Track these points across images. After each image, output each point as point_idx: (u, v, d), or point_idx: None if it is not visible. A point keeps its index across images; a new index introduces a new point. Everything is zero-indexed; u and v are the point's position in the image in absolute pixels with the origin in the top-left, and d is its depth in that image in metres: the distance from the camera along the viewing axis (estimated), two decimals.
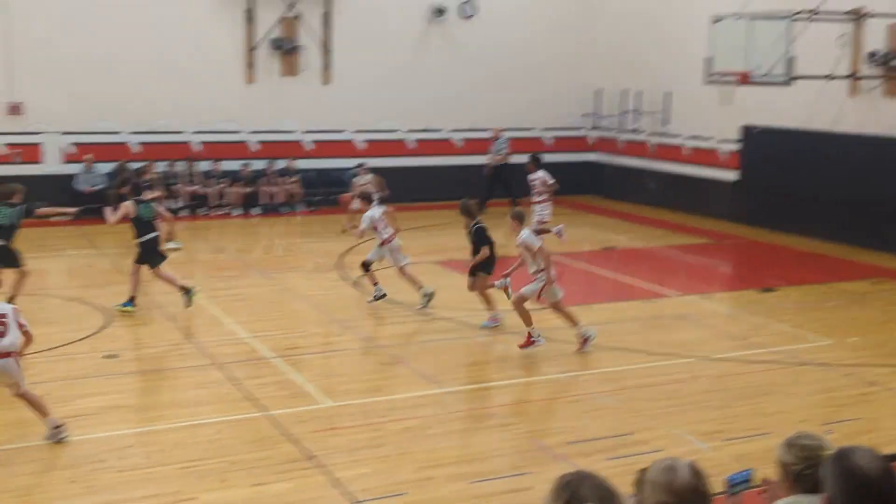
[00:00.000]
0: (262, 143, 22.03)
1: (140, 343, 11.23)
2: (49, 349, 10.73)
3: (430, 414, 8.97)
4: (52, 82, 19.82)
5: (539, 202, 16.25)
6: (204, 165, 21.19)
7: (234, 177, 21.32)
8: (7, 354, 7.82)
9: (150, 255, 12.45)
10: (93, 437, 8.24)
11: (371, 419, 8.80)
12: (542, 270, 10.64)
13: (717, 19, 17.91)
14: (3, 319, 7.84)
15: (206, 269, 13.63)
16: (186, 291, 12.30)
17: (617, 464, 7.58)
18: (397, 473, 7.62)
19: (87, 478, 7.41)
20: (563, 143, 25.02)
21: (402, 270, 13.00)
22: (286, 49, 21.85)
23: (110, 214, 12.62)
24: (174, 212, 19.34)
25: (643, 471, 3.50)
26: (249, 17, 21.51)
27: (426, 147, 22.98)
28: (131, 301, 12.27)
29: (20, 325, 7.91)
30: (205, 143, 21.50)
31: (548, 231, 15.44)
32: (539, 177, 16.53)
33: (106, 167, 20.41)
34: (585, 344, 10.93)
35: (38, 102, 19.90)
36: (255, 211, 21.19)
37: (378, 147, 22.68)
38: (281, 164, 21.73)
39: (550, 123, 24.81)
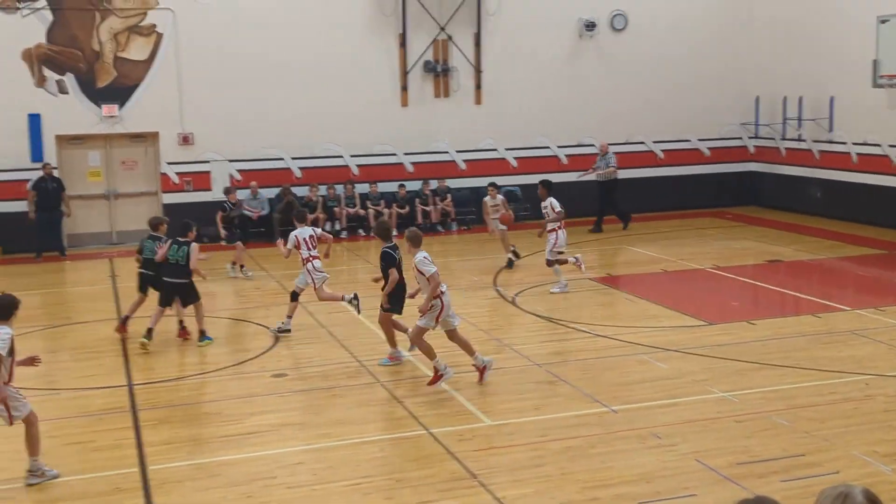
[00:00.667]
0: (416, 164, 22.43)
1: (306, 362, 11.59)
2: (220, 369, 11.24)
3: (592, 433, 8.87)
4: (218, 113, 20.82)
5: (551, 230, 15.10)
6: (361, 188, 21.75)
7: (390, 199, 21.78)
8: None
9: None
10: (265, 455, 8.56)
11: (531, 438, 8.77)
12: (436, 297, 10.16)
13: (884, 20, 17.08)
14: None
15: (366, 289, 13.97)
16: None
17: (791, 486, 7.29)
18: (561, 494, 7.56)
19: (260, 494, 7.69)
20: (720, 154, 24.41)
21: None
22: (438, 71, 22.21)
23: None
24: (334, 234, 19.92)
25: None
26: (402, 41, 21.99)
27: (577, 163, 22.81)
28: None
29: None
30: (361, 166, 22.07)
31: (565, 261, 15.10)
32: (549, 203, 15.25)
33: (270, 192, 21.23)
34: (484, 374, 10.44)
35: (206, 133, 20.94)
36: None
37: (530, 164, 22.69)
38: (434, 184, 22.05)
39: (706, 134, 24.24)
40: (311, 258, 12.65)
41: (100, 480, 8.02)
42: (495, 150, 22.95)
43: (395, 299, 11.06)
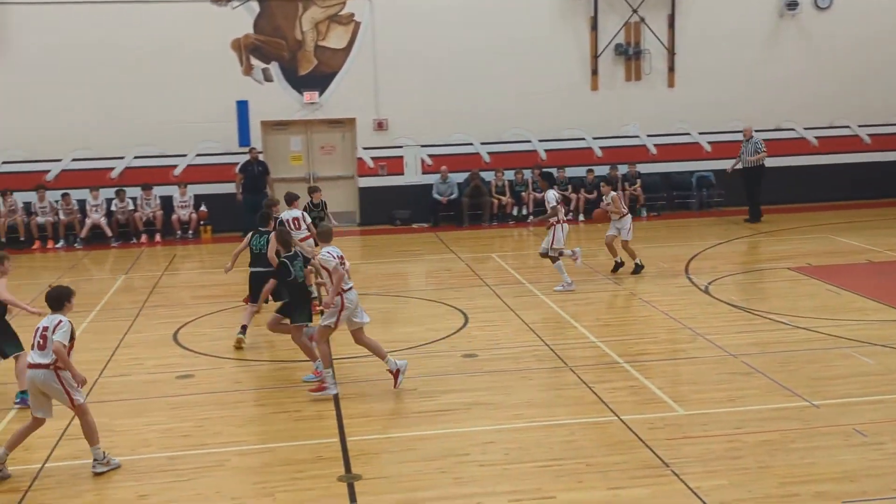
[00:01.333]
0: (605, 149, 22.19)
1: (496, 344, 11.75)
2: (412, 347, 11.56)
3: (791, 427, 8.55)
4: (411, 100, 21.32)
5: (550, 225, 14.39)
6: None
7: (578, 183, 21.67)
8: (43, 367, 7.81)
9: None
10: (457, 432, 8.76)
11: (726, 430, 8.55)
12: (339, 294, 9.58)
13: None
14: (45, 332, 7.83)
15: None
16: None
17: None
18: (758, 487, 7.35)
19: (453, 469, 7.89)
20: None
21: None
22: (630, 54, 21.87)
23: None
24: (522, 219, 20.04)
25: None
26: (593, 24, 21.77)
27: (778, 147, 21.90)
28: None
29: (45, 339, 7.79)
30: (549, 151, 22.06)
31: (561, 254, 14.36)
32: (545, 196, 14.59)
33: (459, 177, 21.58)
34: (398, 378, 9.86)
35: (400, 119, 21.49)
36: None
37: (724, 149, 21.98)
38: (623, 169, 21.76)
39: None
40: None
41: (303, 448, 8.45)
42: (688, 134, 22.39)
43: (297, 309, 10.34)
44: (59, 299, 8.02)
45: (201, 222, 20.84)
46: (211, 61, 20.65)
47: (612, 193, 15.32)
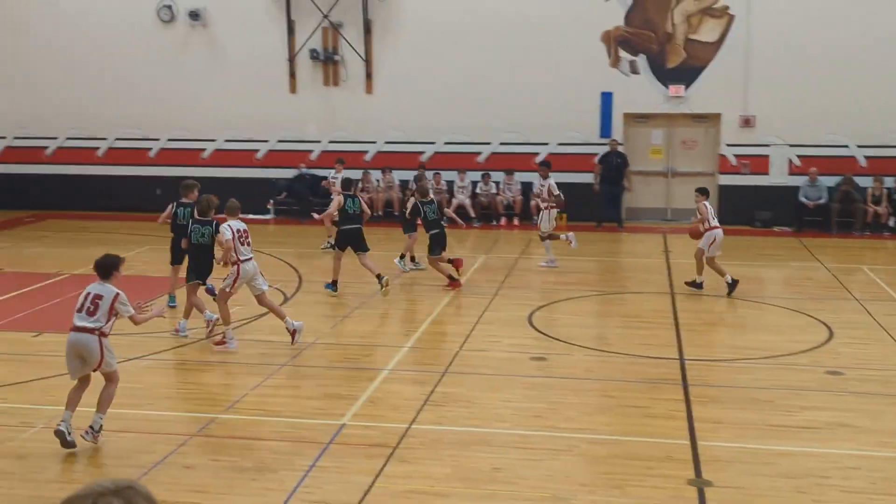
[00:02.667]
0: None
1: (864, 363, 10.93)
2: (771, 356, 11.06)
3: None
4: (782, 97, 20.32)
5: (546, 208, 16.13)
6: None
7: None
8: (88, 331, 8.15)
9: None
10: (817, 452, 8.28)
11: None
12: (235, 263, 11.15)
13: None
14: (97, 300, 8.18)
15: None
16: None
17: None
18: None
19: (813, 490, 7.47)
20: None
21: None
22: None
23: None
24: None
25: None
26: None
27: None
28: None
29: (113, 312, 8.18)
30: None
31: (557, 237, 15.36)
32: (548, 184, 16.22)
33: (829, 181, 20.27)
34: (295, 336, 11.29)
35: (769, 116, 20.56)
36: None
37: None
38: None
39: None
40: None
41: (653, 446, 8.40)
42: None
43: (198, 272, 11.86)
44: (107, 268, 8.34)
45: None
46: (580, 52, 20.99)
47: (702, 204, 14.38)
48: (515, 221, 21.26)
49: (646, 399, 9.66)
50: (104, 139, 22.89)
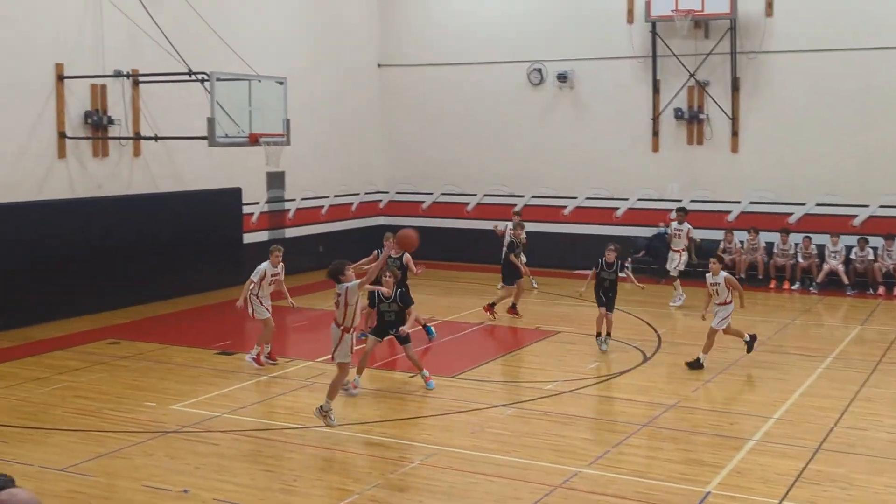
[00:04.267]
0: None
1: None
2: None
3: None
4: None
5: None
6: None
7: None
8: (337, 324, 10.15)
9: None
10: None
11: None
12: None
13: None
14: (337, 299, 10.10)
15: None
16: None
17: None
18: None
19: None
20: None
21: None
22: None
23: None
24: None
25: None
26: None
27: None
28: None
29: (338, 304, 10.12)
30: None
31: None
32: (686, 228, 18.02)
33: None
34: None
35: None
36: None
37: None
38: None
39: None
40: None
41: None
42: None
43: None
44: (335, 273, 10.05)
45: None
46: None
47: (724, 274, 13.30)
48: None
49: None
50: (474, 195, 24.25)
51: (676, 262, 18.38)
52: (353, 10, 24.02)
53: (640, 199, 22.52)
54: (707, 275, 13.45)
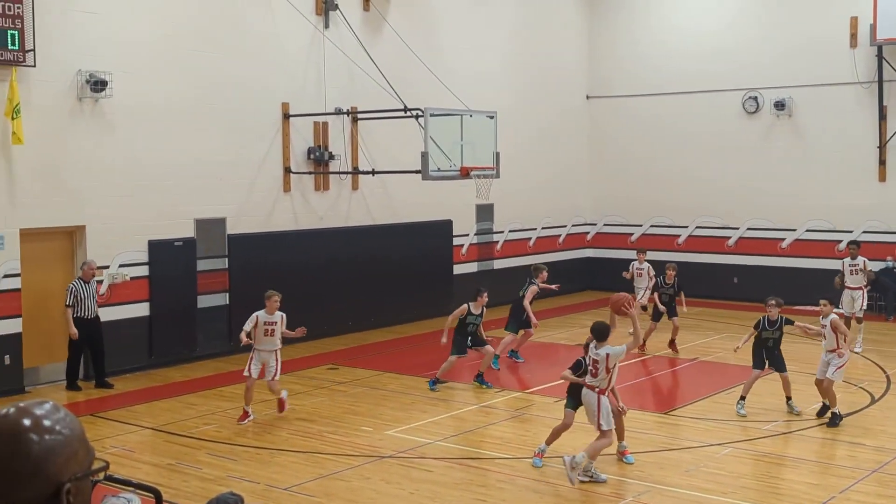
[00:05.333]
0: None
1: None
2: None
3: None
4: None
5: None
6: None
7: None
8: (590, 388, 9.71)
9: None
10: None
11: None
12: None
13: None
14: (596, 363, 9.66)
15: None
16: None
17: None
18: None
19: None
20: None
21: None
22: None
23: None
24: None
25: None
26: None
27: None
28: None
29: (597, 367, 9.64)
30: None
31: None
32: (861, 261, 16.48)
33: None
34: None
35: None
36: None
37: None
38: None
39: None
40: None
41: None
42: None
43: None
44: (602, 332, 9.76)
45: None
46: None
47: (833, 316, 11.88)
48: None
49: None
50: (685, 227, 23.68)
51: (859, 301, 16.62)
52: (564, 44, 24.16)
53: (864, 232, 21.24)
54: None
